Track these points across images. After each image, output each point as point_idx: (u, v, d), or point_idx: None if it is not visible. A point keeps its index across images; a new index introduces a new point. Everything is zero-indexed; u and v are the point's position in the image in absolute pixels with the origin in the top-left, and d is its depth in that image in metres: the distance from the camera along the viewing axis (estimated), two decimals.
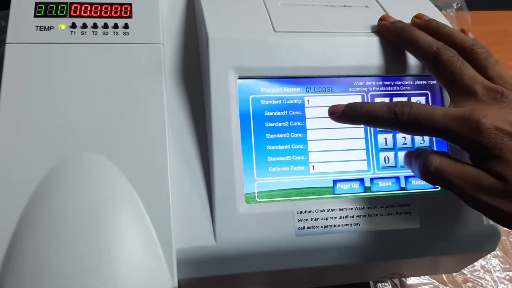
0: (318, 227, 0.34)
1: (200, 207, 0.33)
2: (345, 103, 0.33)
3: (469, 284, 0.49)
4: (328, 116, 0.34)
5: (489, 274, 0.50)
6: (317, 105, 0.36)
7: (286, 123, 0.35)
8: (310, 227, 0.33)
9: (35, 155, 0.31)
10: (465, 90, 0.31)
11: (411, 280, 0.48)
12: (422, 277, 0.48)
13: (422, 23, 0.37)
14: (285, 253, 0.33)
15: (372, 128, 0.36)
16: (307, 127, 0.35)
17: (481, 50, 0.33)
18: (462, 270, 0.49)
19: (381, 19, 0.38)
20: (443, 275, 0.49)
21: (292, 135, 0.35)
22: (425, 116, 0.30)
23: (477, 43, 0.34)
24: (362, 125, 0.35)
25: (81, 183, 0.31)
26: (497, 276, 0.50)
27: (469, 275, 0.50)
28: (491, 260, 0.51)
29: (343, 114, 0.33)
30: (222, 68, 0.34)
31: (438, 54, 0.33)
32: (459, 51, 0.33)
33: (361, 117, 0.32)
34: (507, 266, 0.51)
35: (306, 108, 0.36)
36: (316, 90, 0.36)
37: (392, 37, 0.37)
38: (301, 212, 0.34)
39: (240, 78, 0.35)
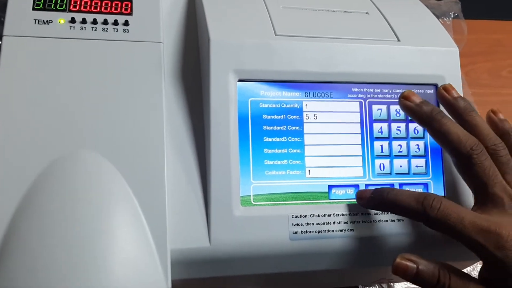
0: (312, 232, 0.34)
1: (196, 208, 0.33)
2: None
3: None
4: (356, 200, 0.35)
5: None
6: (316, 110, 0.36)
7: (284, 127, 0.35)
8: (304, 232, 0.34)
9: (31, 151, 0.31)
10: (493, 198, 0.32)
11: (399, 285, 0.49)
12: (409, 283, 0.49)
13: (450, 101, 0.35)
14: (279, 257, 0.33)
15: (368, 135, 0.36)
16: (305, 132, 0.36)
17: (503, 153, 0.33)
18: None
19: (404, 97, 0.34)
20: None
21: (290, 139, 0.35)
22: (455, 219, 0.30)
23: (500, 144, 0.33)
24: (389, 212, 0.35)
25: (77, 181, 0.31)
26: None
27: None
28: (478, 267, 0.52)
29: (369, 201, 0.34)
30: (223, 70, 0.34)
31: (471, 156, 0.32)
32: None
33: (387, 204, 0.33)
34: None
35: (304, 113, 0.36)
36: (314, 95, 0.36)
37: (418, 121, 0.35)
38: (296, 217, 0.34)
39: (240, 80, 0.35)
